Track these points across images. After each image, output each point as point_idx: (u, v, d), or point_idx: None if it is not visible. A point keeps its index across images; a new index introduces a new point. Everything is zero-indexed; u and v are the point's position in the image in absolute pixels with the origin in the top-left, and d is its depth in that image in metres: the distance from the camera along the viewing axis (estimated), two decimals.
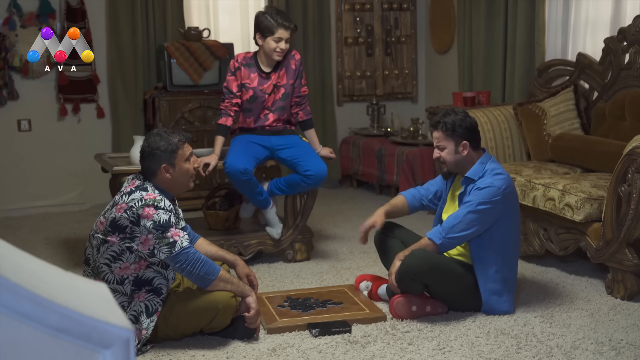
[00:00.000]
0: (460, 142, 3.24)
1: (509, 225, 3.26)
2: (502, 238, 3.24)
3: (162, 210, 2.86)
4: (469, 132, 3.26)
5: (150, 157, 2.96)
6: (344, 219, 5.35)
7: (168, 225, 2.83)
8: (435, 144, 3.31)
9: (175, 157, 2.98)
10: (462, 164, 3.27)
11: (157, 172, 2.98)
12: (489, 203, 3.14)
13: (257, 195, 4.08)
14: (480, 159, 3.26)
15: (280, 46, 4.03)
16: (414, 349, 2.91)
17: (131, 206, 2.85)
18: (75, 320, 0.90)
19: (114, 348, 0.91)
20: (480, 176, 3.22)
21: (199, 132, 5.75)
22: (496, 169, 3.24)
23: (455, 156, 3.26)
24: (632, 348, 2.86)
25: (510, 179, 3.26)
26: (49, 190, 5.83)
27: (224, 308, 2.95)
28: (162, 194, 2.96)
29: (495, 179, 3.18)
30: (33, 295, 0.89)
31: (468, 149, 3.25)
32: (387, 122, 6.63)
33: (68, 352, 0.90)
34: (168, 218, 2.85)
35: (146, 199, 2.86)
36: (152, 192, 2.91)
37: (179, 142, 2.99)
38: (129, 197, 2.89)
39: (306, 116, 4.27)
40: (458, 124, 3.24)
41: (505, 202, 3.20)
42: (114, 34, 5.82)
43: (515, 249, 3.32)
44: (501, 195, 3.16)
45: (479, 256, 3.24)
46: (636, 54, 4.33)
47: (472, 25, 5.84)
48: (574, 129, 4.55)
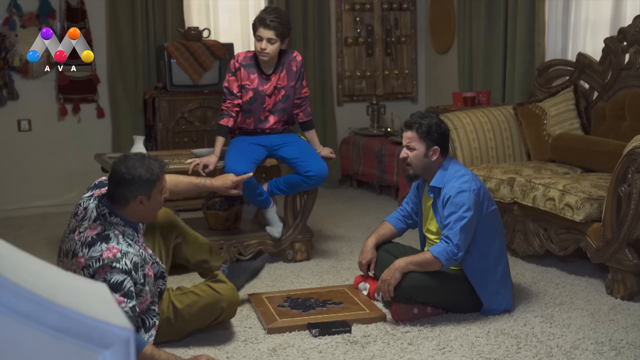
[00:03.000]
0: (431, 146, 3.23)
1: (489, 223, 3.25)
2: (487, 239, 3.24)
3: (116, 271, 2.60)
4: (442, 138, 3.25)
5: (128, 185, 2.66)
6: (344, 219, 5.35)
7: (116, 290, 2.58)
8: (405, 143, 3.29)
9: (153, 188, 2.72)
10: (428, 169, 3.27)
11: (130, 202, 2.70)
12: (470, 208, 3.12)
13: (257, 196, 4.08)
14: (441, 165, 3.26)
15: (261, 45, 3.95)
16: (414, 349, 2.91)
17: (89, 265, 2.62)
18: (75, 320, 0.90)
19: (114, 348, 0.91)
20: (445, 182, 3.21)
21: (199, 132, 5.75)
22: (458, 170, 3.23)
23: (423, 160, 3.24)
24: (632, 348, 2.86)
25: (475, 177, 3.25)
26: (49, 190, 5.83)
27: (229, 304, 3.00)
28: (126, 224, 2.74)
29: (461, 182, 3.16)
30: (33, 295, 0.89)
31: (437, 154, 3.24)
32: (387, 122, 6.63)
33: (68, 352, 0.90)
34: (121, 281, 2.59)
35: (104, 259, 2.60)
36: (115, 242, 2.65)
37: (160, 172, 2.74)
38: (88, 251, 2.64)
39: (306, 117, 4.27)
40: (434, 128, 3.23)
41: (481, 201, 3.20)
42: (114, 34, 5.82)
43: (502, 244, 3.32)
44: (474, 195, 3.15)
45: (471, 267, 3.22)
46: (636, 54, 4.33)
47: (472, 25, 5.84)
48: (574, 129, 4.55)
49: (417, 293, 3.17)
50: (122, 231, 2.72)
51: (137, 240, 2.76)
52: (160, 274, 2.91)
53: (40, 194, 5.83)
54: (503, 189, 4.09)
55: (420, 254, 3.21)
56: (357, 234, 4.89)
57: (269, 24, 3.92)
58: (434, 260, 3.13)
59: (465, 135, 4.65)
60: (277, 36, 3.95)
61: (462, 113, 4.79)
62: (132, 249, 2.67)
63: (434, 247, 3.16)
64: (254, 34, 4.01)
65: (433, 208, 3.29)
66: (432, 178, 3.27)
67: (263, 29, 3.94)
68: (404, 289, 3.15)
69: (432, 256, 3.13)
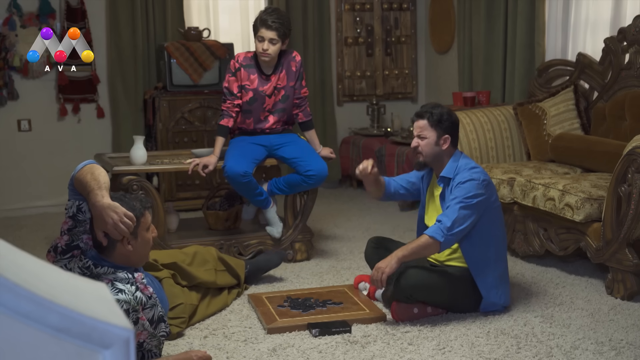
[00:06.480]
0: (442, 134, 3.27)
1: (494, 217, 3.27)
2: (491, 232, 3.26)
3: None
4: (453, 127, 3.30)
5: None
6: (344, 219, 5.35)
7: None
8: (416, 133, 3.32)
9: (138, 226, 2.63)
10: (438, 158, 3.29)
11: (117, 245, 2.61)
12: (475, 195, 3.16)
13: (257, 196, 4.08)
14: (452, 157, 3.29)
15: (263, 46, 3.95)
16: (414, 349, 2.91)
17: None
18: (75, 320, 0.90)
19: (114, 348, 0.91)
20: (456, 173, 3.24)
21: (199, 132, 5.75)
22: (469, 163, 3.28)
23: (434, 148, 3.27)
24: (632, 348, 2.86)
25: (484, 171, 3.28)
26: (49, 190, 5.83)
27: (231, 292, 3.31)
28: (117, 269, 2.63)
29: (472, 172, 3.21)
30: (33, 295, 0.89)
31: (448, 143, 3.28)
32: (387, 122, 6.63)
33: (68, 352, 0.90)
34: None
35: None
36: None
37: (142, 208, 2.67)
38: None
39: (306, 117, 4.27)
40: (445, 117, 3.28)
41: (487, 193, 3.22)
42: (114, 34, 5.82)
43: (503, 240, 3.35)
44: (482, 186, 3.19)
45: (473, 256, 3.24)
46: (636, 54, 4.33)
47: (472, 25, 5.84)
48: (574, 129, 4.55)
49: (417, 292, 3.17)
50: (113, 278, 2.59)
51: (133, 281, 2.62)
52: (159, 318, 2.71)
53: (40, 194, 5.83)
54: (503, 189, 4.09)
55: (415, 240, 3.21)
56: (357, 234, 4.89)
57: (271, 25, 3.93)
58: (430, 241, 3.12)
59: (465, 135, 4.65)
60: (279, 37, 3.95)
61: (462, 113, 4.79)
62: (122, 295, 2.50)
63: (428, 229, 3.18)
64: (254, 35, 4.01)
65: (441, 198, 3.31)
66: (441, 168, 3.29)
67: (265, 29, 3.94)
68: (404, 288, 3.15)
69: (428, 237, 3.13)
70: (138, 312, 2.54)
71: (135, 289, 2.58)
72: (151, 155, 4.34)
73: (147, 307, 2.65)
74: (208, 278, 3.35)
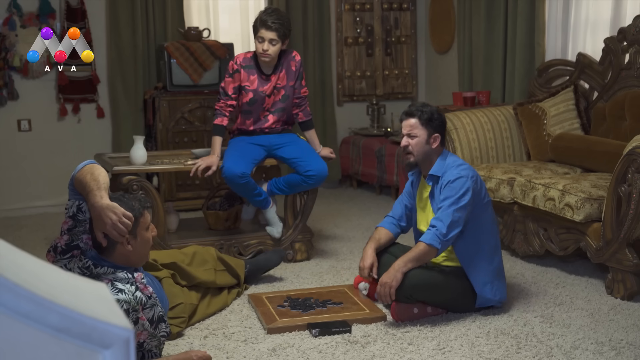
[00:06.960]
0: (433, 133, 3.28)
1: (484, 212, 3.28)
2: (482, 228, 3.26)
3: None
4: (442, 126, 3.32)
5: None
6: (344, 219, 5.35)
7: None
8: (406, 132, 3.31)
9: (138, 226, 2.64)
10: (428, 157, 3.30)
11: (116, 245, 2.62)
12: (466, 193, 3.17)
13: (256, 196, 4.08)
14: (440, 156, 3.31)
15: (263, 47, 3.95)
16: (414, 349, 2.91)
17: None
18: (75, 320, 0.90)
19: (114, 348, 0.91)
20: (444, 171, 3.25)
21: (199, 132, 5.75)
22: (456, 160, 3.29)
23: (424, 147, 3.28)
24: (632, 348, 2.86)
25: (472, 167, 3.29)
26: (49, 190, 5.83)
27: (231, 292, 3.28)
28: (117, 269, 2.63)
29: (461, 169, 3.22)
30: (33, 295, 0.89)
31: (438, 142, 3.29)
32: (387, 122, 6.63)
33: (68, 352, 0.90)
34: None
35: None
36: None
37: (141, 208, 2.68)
38: None
39: (306, 117, 4.27)
40: (435, 115, 3.29)
41: (477, 189, 3.23)
42: (114, 34, 5.82)
43: (496, 236, 3.35)
44: (471, 182, 3.19)
45: (466, 254, 3.24)
46: (636, 54, 4.33)
47: (472, 25, 5.84)
48: (574, 129, 4.55)
49: (418, 292, 3.17)
50: (113, 278, 2.58)
51: (132, 281, 2.62)
52: (159, 318, 2.70)
53: (40, 194, 5.83)
54: (503, 189, 4.09)
55: (413, 249, 3.22)
56: (357, 234, 4.89)
57: (271, 26, 3.93)
58: (428, 249, 3.15)
59: (465, 135, 4.65)
60: (279, 37, 3.96)
61: (462, 113, 4.79)
62: (122, 295, 2.50)
63: (423, 237, 3.18)
64: (254, 36, 4.01)
65: (430, 197, 3.31)
66: (430, 168, 3.30)
67: (265, 30, 3.94)
68: (404, 288, 3.16)
69: (425, 245, 3.15)
70: (138, 312, 2.54)
71: (135, 289, 2.58)
72: (151, 155, 4.34)
73: (147, 307, 2.65)
74: (207, 278, 3.35)
